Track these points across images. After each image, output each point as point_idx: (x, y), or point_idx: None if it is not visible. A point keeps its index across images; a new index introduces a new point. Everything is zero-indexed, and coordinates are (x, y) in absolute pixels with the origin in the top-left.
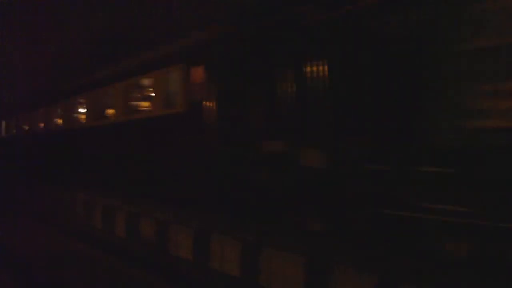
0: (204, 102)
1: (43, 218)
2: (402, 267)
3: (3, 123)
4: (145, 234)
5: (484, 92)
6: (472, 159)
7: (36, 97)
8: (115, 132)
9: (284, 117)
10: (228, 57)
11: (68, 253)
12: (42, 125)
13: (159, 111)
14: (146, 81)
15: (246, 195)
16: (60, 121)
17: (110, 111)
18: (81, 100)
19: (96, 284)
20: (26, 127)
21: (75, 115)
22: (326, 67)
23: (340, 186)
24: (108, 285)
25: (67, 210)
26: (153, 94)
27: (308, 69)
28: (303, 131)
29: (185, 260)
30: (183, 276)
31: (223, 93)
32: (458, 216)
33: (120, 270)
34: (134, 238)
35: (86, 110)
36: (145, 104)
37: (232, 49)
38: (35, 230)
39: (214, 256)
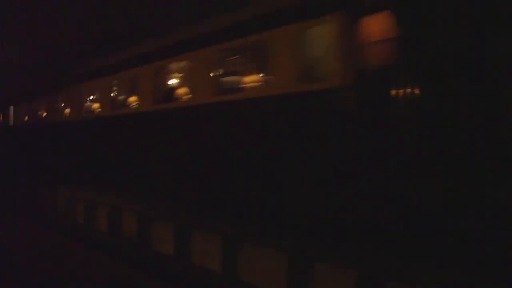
0: (391, 73)
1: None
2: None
3: (12, 109)
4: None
5: None
6: None
7: (56, 76)
8: (194, 120)
9: None
10: None
11: None
12: (66, 110)
13: (283, 87)
14: (253, 45)
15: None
16: (93, 106)
17: (182, 91)
18: (130, 78)
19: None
20: (43, 114)
21: (118, 98)
22: None
23: None
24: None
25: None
26: (271, 63)
27: None
28: None
29: None
30: None
31: (438, 57)
32: None
33: None
34: None
35: (137, 90)
36: (251, 79)
37: None
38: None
39: None
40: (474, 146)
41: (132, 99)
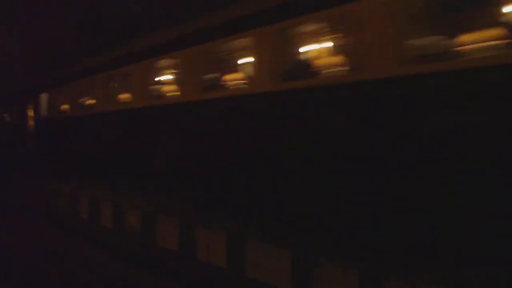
0: None
1: None
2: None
3: (45, 97)
4: None
5: None
6: None
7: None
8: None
9: None
10: None
11: None
12: (128, 97)
13: None
14: None
15: None
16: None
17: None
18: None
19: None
20: (92, 102)
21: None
22: None
23: None
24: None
25: None
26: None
27: None
28: None
29: None
30: None
31: None
32: None
33: None
34: None
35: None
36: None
37: None
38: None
39: None
40: None
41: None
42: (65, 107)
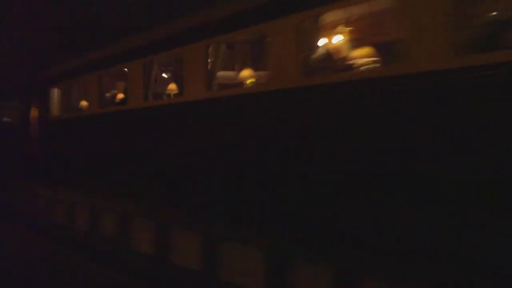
0: None
1: None
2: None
3: (56, 92)
4: None
5: None
6: None
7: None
8: None
9: None
10: None
11: None
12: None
13: None
14: None
15: None
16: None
17: None
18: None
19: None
20: (122, 97)
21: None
22: None
23: None
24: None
25: None
26: None
27: None
28: None
29: None
30: None
31: None
32: None
33: None
34: None
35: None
36: None
37: None
38: None
39: None
40: None
41: None
42: (84, 103)
